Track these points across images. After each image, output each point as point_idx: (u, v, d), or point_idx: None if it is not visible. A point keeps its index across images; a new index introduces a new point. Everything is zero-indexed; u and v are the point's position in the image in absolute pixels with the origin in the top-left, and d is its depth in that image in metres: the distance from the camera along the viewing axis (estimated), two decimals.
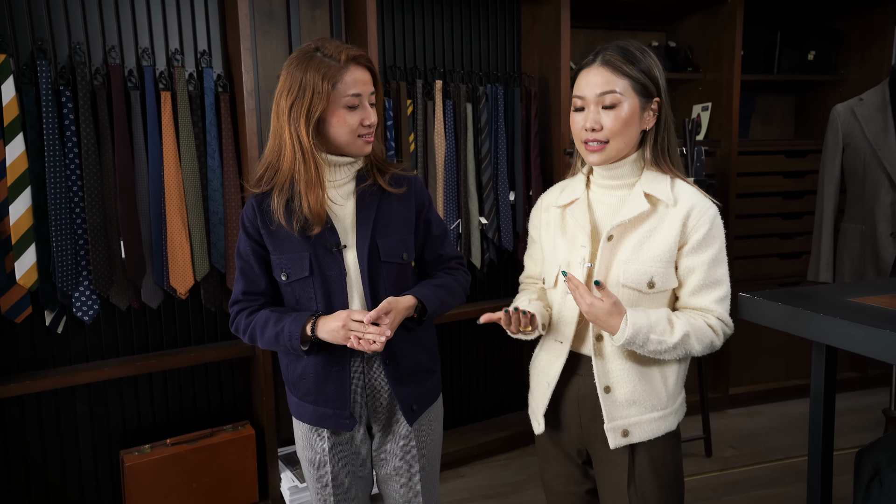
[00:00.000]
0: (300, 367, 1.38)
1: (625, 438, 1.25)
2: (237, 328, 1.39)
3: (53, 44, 2.00)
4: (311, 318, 1.29)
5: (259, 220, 1.34)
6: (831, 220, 2.67)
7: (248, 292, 1.39)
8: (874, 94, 2.56)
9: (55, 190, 1.94)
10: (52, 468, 2.15)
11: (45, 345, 2.10)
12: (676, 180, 1.27)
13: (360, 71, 1.29)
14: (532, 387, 1.42)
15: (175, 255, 2.12)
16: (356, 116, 1.28)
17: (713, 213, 1.24)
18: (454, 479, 2.62)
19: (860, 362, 3.45)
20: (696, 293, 1.25)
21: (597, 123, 1.22)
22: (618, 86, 1.20)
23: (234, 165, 2.20)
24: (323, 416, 1.37)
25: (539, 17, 2.79)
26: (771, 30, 3.18)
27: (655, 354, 1.21)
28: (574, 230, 1.30)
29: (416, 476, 1.44)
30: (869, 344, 1.15)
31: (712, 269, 1.24)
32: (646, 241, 1.23)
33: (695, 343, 1.22)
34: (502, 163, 2.69)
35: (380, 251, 1.35)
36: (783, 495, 2.44)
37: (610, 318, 1.18)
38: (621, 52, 1.22)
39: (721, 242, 1.25)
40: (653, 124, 1.26)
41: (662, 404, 1.27)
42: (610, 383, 1.26)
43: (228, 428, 2.29)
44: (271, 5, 2.38)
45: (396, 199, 1.39)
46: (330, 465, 1.40)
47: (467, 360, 2.92)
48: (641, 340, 1.18)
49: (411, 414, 1.39)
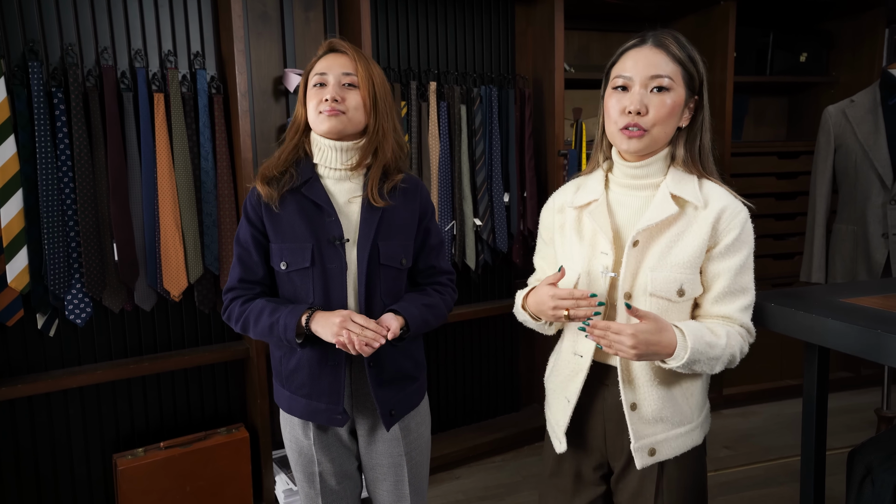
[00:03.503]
0: (294, 360, 1.37)
1: (652, 458, 1.19)
2: (230, 316, 1.38)
3: (45, 45, 1.98)
4: (308, 311, 1.28)
5: (262, 206, 1.35)
6: (823, 221, 2.69)
7: (244, 280, 1.37)
8: (865, 96, 2.57)
9: (47, 192, 1.93)
10: (44, 473, 2.14)
11: (38, 348, 2.09)
12: (704, 180, 1.19)
13: (332, 56, 1.35)
14: (549, 402, 1.34)
15: (168, 257, 2.11)
16: (318, 94, 1.32)
17: (745, 217, 1.16)
18: (449, 480, 2.62)
19: (852, 362, 3.47)
20: (720, 300, 1.17)
21: (643, 106, 1.11)
22: (670, 70, 1.13)
23: (227, 167, 2.19)
24: (315, 411, 1.36)
25: (533, 18, 2.80)
26: (763, 32, 3.20)
27: (709, 366, 1.11)
28: (593, 235, 1.21)
29: (405, 481, 1.43)
30: (861, 344, 1.16)
31: (739, 275, 1.16)
32: (674, 246, 1.15)
33: (735, 347, 1.14)
34: (497, 164, 2.69)
35: (380, 253, 1.35)
36: (777, 495, 2.45)
37: (661, 336, 1.07)
38: (674, 37, 1.15)
39: (750, 248, 1.17)
40: (688, 122, 1.18)
41: (688, 418, 1.21)
42: (637, 400, 1.18)
43: (222, 431, 2.28)
44: (265, 7, 2.37)
45: (402, 204, 1.38)
46: (317, 462, 1.40)
47: (462, 362, 2.91)
48: (700, 351, 1.08)
49: (389, 418, 1.37)
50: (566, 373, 1.26)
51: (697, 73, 1.17)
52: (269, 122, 2.41)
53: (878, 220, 2.50)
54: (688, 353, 1.07)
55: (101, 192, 2.03)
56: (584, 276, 1.21)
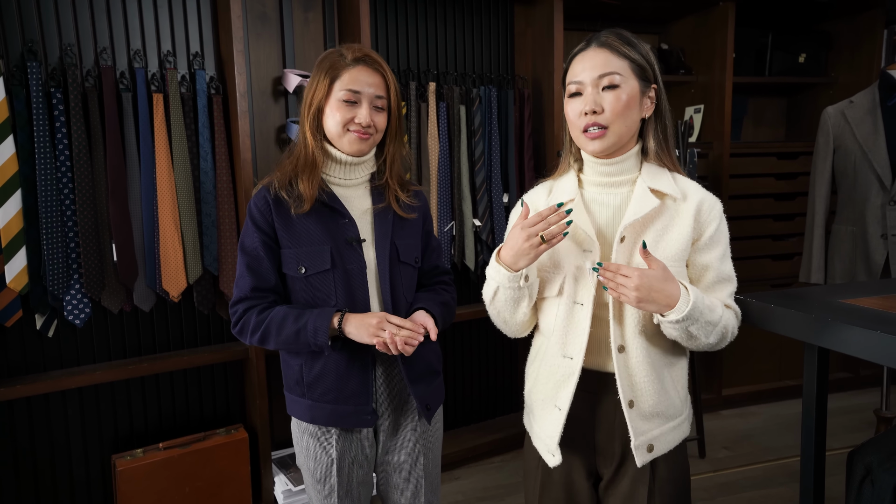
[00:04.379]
0: (319, 366, 1.33)
1: (650, 454, 1.18)
2: (243, 328, 1.32)
3: (44, 45, 1.98)
4: (338, 314, 1.27)
5: (273, 211, 1.32)
6: (823, 222, 2.69)
7: (257, 288, 1.32)
8: (864, 97, 2.58)
9: (46, 192, 1.93)
10: (43, 473, 2.13)
11: (36, 349, 2.08)
12: (675, 174, 1.21)
13: (364, 71, 1.30)
14: (536, 414, 1.28)
15: (167, 257, 2.11)
16: (349, 112, 1.29)
17: (720, 207, 1.20)
18: (448, 481, 2.62)
19: (851, 363, 3.47)
20: (711, 290, 1.19)
21: (597, 105, 1.14)
22: (617, 66, 1.14)
23: (226, 168, 2.19)
24: (343, 415, 1.34)
25: (532, 19, 2.80)
26: (762, 32, 3.20)
27: (705, 331, 1.12)
28: (575, 235, 1.20)
29: (420, 476, 1.43)
30: (862, 345, 1.16)
31: (723, 264, 1.20)
32: (660, 240, 1.16)
33: (730, 319, 1.18)
34: (496, 165, 2.69)
35: (399, 251, 1.37)
36: (776, 496, 2.45)
37: (665, 284, 1.08)
38: (616, 35, 1.17)
39: (727, 237, 1.21)
40: (652, 112, 1.19)
41: (678, 411, 1.22)
42: (634, 397, 1.17)
43: (222, 431, 2.28)
44: (264, 7, 2.37)
45: (407, 209, 1.43)
46: (336, 471, 1.37)
47: (462, 363, 2.91)
48: (700, 309, 1.09)
49: (427, 412, 1.40)
50: (555, 379, 1.22)
51: (647, 63, 1.17)
52: (269, 123, 2.40)
53: (877, 220, 2.50)
54: (689, 306, 1.08)
55: (100, 192, 2.03)
56: (570, 278, 1.19)
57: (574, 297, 1.20)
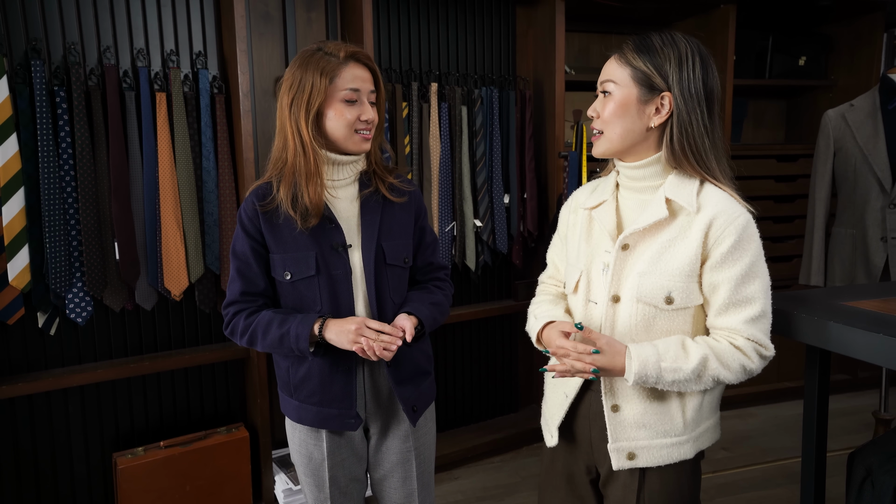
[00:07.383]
0: (304, 369, 1.36)
1: (630, 461, 1.19)
2: (233, 330, 1.36)
3: (48, 44, 1.98)
4: (320, 320, 1.28)
5: (261, 217, 1.33)
6: (823, 224, 2.70)
7: (246, 293, 1.35)
8: (865, 100, 2.58)
9: (49, 191, 1.93)
10: (44, 471, 2.13)
11: (38, 346, 2.08)
12: (707, 184, 1.15)
13: (359, 68, 1.31)
14: (547, 396, 1.35)
15: (169, 256, 2.11)
16: (354, 111, 1.29)
17: (742, 223, 1.11)
18: (448, 481, 2.62)
19: (849, 364, 3.48)
20: (722, 313, 1.13)
21: (594, 111, 1.19)
22: (615, 74, 1.16)
23: (229, 167, 2.19)
24: (327, 417, 1.36)
25: (534, 20, 2.80)
26: (763, 35, 3.21)
27: (680, 387, 1.11)
28: (599, 235, 1.22)
29: (413, 476, 1.44)
30: (863, 348, 1.17)
31: (741, 285, 1.11)
32: (665, 252, 1.13)
33: (719, 368, 1.10)
34: (497, 166, 2.69)
35: (385, 254, 1.36)
36: (775, 497, 2.46)
37: (613, 359, 1.09)
38: (635, 41, 1.16)
39: (753, 255, 1.12)
40: (661, 121, 1.14)
41: (677, 430, 1.18)
42: (618, 402, 1.19)
43: (222, 430, 2.28)
44: (267, 7, 2.38)
45: (398, 206, 1.40)
46: (328, 469, 1.40)
47: (461, 363, 2.92)
48: (654, 373, 1.08)
49: (413, 414, 1.39)
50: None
51: (656, 72, 1.12)
52: (271, 122, 2.41)
53: (877, 223, 2.51)
54: (633, 372, 1.09)
55: (103, 191, 2.03)
56: (586, 276, 1.22)
57: (589, 295, 1.22)
